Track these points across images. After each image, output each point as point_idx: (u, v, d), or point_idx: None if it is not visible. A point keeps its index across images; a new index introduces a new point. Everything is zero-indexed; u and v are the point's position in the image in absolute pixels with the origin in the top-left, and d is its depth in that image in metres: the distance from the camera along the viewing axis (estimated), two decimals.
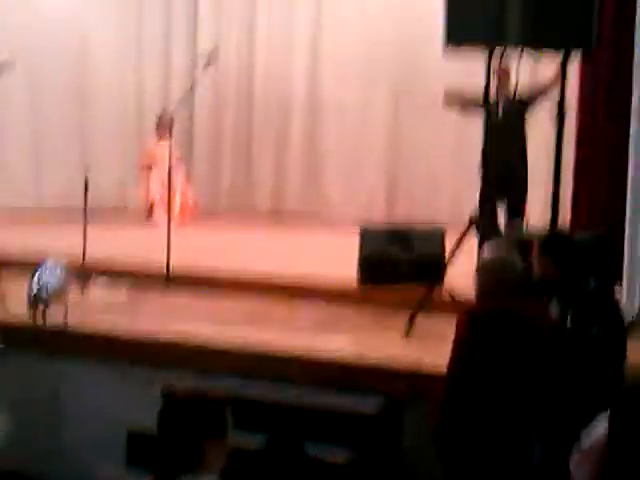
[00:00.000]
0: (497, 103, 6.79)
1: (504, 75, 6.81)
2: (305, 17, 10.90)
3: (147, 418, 3.11)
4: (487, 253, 4.08)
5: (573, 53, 5.61)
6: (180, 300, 6.24)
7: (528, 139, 7.21)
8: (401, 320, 5.49)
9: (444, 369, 3.83)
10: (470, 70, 6.90)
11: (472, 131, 7.72)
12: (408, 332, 5.38)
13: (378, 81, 10.48)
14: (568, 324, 3.99)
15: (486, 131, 6.39)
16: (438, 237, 6.22)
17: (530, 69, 8.33)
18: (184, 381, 4.80)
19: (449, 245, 5.85)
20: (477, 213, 5.73)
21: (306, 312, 5.89)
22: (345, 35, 10.60)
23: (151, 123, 10.77)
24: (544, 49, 5.66)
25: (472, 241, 5.63)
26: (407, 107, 10.32)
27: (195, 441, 2.67)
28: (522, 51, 5.51)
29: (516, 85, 5.82)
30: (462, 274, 5.28)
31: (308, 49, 10.91)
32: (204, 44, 10.83)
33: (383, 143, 10.47)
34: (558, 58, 5.56)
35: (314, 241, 9.26)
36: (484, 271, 3.93)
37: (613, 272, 5.51)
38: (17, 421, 4.47)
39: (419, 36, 9.82)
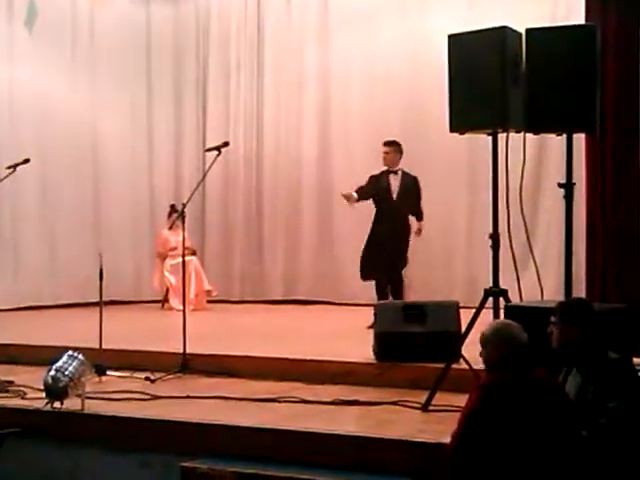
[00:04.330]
0: None
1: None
2: (312, 104, 11.12)
3: None
4: (488, 326, 4.09)
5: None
6: (197, 385, 6.23)
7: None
8: (418, 396, 5.47)
9: None
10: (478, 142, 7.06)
11: (483, 209, 7.81)
12: (427, 407, 5.33)
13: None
14: (588, 396, 3.93)
15: None
16: (452, 311, 6.22)
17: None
18: (202, 464, 4.78)
19: (464, 320, 5.84)
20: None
21: (323, 392, 5.86)
22: (352, 119, 10.80)
23: (163, 214, 10.95)
24: (546, 132, 5.76)
25: (489, 315, 5.61)
26: None
27: None
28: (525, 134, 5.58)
29: (523, 163, 5.80)
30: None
31: (316, 135, 11.09)
32: (214, 135, 11.06)
33: None
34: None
35: (329, 321, 9.27)
36: (486, 344, 3.96)
37: (631, 346, 5.43)
38: None
39: (425, 116, 10.02)
